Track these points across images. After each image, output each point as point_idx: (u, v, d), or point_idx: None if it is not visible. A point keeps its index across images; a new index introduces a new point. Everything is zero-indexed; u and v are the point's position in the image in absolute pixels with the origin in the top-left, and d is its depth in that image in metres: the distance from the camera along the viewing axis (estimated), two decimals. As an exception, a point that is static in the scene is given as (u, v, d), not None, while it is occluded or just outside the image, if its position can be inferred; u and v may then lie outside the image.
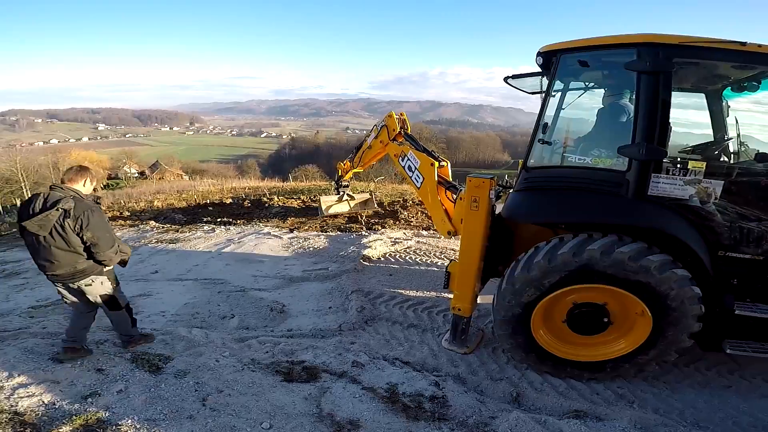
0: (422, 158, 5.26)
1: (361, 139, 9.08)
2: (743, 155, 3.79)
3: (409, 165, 5.50)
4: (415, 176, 5.35)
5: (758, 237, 3.23)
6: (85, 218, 3.12)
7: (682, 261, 3.15)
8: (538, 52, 3.67)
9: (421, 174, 5.21)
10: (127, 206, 14.10)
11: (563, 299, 3.42)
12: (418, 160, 5.31)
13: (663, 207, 3.20)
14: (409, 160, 5.53)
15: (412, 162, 5.43)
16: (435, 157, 5.22)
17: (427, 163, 5.11)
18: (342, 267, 6.63)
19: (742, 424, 3.09)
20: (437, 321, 4.79)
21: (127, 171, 55.64)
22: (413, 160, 5.42)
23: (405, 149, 5.74)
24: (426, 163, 5.14)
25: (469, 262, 3.84)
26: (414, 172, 5.36)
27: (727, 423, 3.09)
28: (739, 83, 3.69)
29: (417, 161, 5.33)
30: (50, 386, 2.76)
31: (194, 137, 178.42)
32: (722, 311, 3.23)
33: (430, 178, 5.04)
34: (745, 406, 3.26)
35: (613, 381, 3.51)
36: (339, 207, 10.14)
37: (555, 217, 3.60)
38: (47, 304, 5.48)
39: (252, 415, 2.76)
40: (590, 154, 3.65)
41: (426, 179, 5.12)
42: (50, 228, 3.06)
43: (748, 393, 3.41)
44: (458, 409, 3.02)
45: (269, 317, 5.09)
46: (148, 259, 7.55)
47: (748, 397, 3.35)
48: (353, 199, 10.29)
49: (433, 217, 5.14)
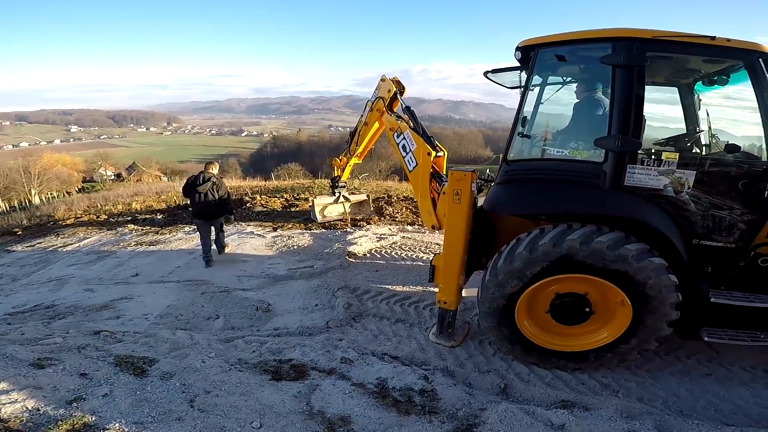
0: (419, 143, 4.89)
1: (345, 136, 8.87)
2: (714, 147, 3.92)
3: (404, 145, 5.17)
4: (408, 158, 5.05)
5: (730, 225, 3.36)
6: (220, 185, 6.86)
7: (658, 250, 3.25)
8: (517, 46, 3.74)
9: (415, 158, 4.92)
10: (104, 209, 13.79)
11: (546, 290, 3.50)
12: (415, 143, 4.95)
13: (639, 197, 3.30)
14: (404, 140, 5.18)
15: (408, 143, 5.09)
16: (433, 144, 4.83)
17: (424, 151, 4.78)
18: (327, 264, 6.62)
19: (723, 411, 3.17)
20: (424, 315, 4.84)
21: (103, 173, 54.19)
22: (409, 141, 5.07)
23: (402, 127, 5.28)
24: (422, 150, 4.80)
25: (453, 255, 3.88)
26: (408, 154, 5.06)
27: (709, 411, 3.17)
28: (710, 77, 3.81)
29: (413, 144, 4.98)
30: (33, 392, 2.70)
31: (172, 137, 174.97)
32: (698, 299, 3.34)
33: (425, 167, 4.78)
34: (726, 393, 3.35)
35: (597, 371, 3.59)
36: (334, 209, 9.29)
37: (535, 209, 3.67)
38: (24, 310, 5.35)
39: (241, 414, 2.74)
40: (568, 146, 3.72)
41: (420, 166, 4.85)
42: (207, 190, 6.70)
43: (727, 381, 3.51)
44: (448, 402, 3.05)
45: (255, 317, 5.06)
46: (127, 261, 7.42)
47: (727, 385, 3.46)
48: (348, 201, 9.37)
49: (421, 207, 4.98)
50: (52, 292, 6.16)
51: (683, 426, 2.78)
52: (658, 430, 2.70)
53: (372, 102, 6.66)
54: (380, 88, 6.47)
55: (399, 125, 5.37)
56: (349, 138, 7.95)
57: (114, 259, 7.61)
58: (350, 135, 7.94)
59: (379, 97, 6.37)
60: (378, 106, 6.36)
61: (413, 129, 5.10)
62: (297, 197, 12.59)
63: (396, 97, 6.08)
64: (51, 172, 40.35)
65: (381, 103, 6.24)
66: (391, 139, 5.56)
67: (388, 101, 6.15)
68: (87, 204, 16.47)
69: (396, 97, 6.08)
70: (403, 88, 6.20)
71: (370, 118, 6.87)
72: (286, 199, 12.39)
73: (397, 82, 6.20)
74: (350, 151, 7.93)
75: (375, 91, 6.66)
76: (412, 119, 5.29)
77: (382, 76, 6.51)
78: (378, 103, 6.35)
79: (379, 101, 6.33)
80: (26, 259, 8.25)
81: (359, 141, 7.51)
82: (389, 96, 6.14)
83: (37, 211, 16.54)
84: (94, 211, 13.67)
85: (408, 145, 5.08)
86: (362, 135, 7.33)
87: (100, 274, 6.87)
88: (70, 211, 14.23)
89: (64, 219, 12.37)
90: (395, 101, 6.12)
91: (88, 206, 15.53)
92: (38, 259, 8.10)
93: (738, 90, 3.50)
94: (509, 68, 4.31)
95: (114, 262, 7.47)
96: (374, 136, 7.39)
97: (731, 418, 3.09)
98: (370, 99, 6.78)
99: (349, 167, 8.42)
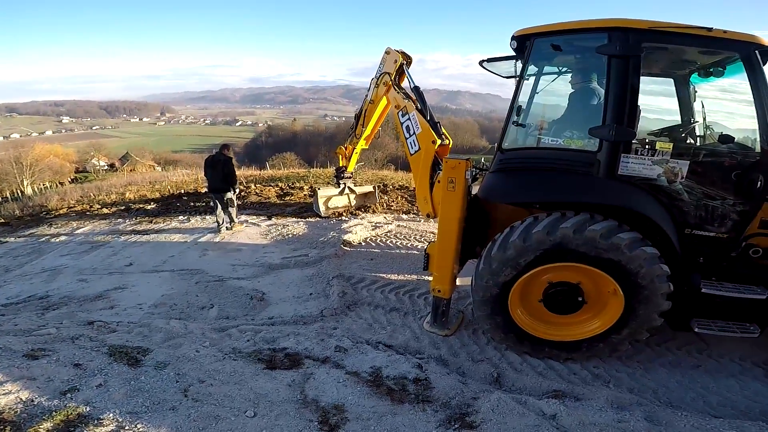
0: (424, 128, 4.62)
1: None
2: (709, 138, 3.93)
3: (408, 126, 4.88)
4: (411, 141, 4.80)
5: (722, 215, 3.38)
6: (229, 165, 7.81)
7: (651, 239, 3.26)
8: (513, 36, 3.71)
9: (418, 142, 4.68)
10: (97, 199, 13.68)
11: (539, 279, 3.52)
12: (420, 127, 4.67)
13: (633, 186, 3.30)
14: (409, 120, 4.87)
15: (412, 124, 4.80)
16: (438, 131, 4.56)
17: (428, 138, 4.54)
18: (322, 253, 6.63)
19: (712, 403, 3.20)
20: (419, 304, 4.86)
21: (96, 164, 53.67)
22: (414, 123, 4.78)
23: (409, 107, 4.90)
24: (427, 137, 4.56)
25: (447, 243, 3.89)
26: (411, 137, 4.80)
27: (698, 402, 3.21)
28: (706, 68, 3.80)
29: (418, 127, 4.70)
30: (27, 383, 2.69)
31: (166, 127, 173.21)
32: (690, 290, 3.36)
33: (427, 154, 4.57)
34: (714, 385, 3.39)
35: (589, 361, 3.62)
36: (338, 201, 8.85)
37: (529, 197, 3.66)
38: (18, 301, 5.32)
39: (235, 403, 2.75)
40: (562, 135, 3.72)
41: (422, 151, 4.63)
42: (218, 168, 7.74)
43: (716, 372, 3.55)
44: (441, 391, 3.07)
45: (249, 306, 5.06)
46: (121, 251, 7.39)
47: (716, 377, 3.49)
48: (353, 192, 8.94)
49: (418, 194, 4.83)
50: (46, 283, 6.13)
51: (672, 417, 2.81)
52: (647, 421, 2.73)
53: (377, 78, 6.23)
54: (385, 62, 6.07)
55: (405, 104, 5.00)
56: (354, 122, 7.46)
57: (107, 249, 7.58)
58: (355, 118, 7.44)
59: (384, 72, 5.95)
60: (384, 80, 5.91)
61: (420, 111, 4.78)
62: (292, 186, 12.56)
63: (403, 70, 5.68)
64: (43, 163, 39.91)
65: (387, 77, 5.79)
66: (396, 119, 5.22)
67: (394, 74, 5.71)
68: (80, 194, 16.31)
69: (403, 70, 5.68)
70: (409, 58, 5.78)
71: (376, 96, 6.40)
72: (281, 188, 12.36)
73: (403, 53, 5.76)
74: (356, 135, 7.44)
75: (380, 65, 6.23)
76: (420, 101, 4.90)
77: (387, 48, 6.09)
78: (384, 77, 5.91)
79: (384, 76, 5.90)
80: (19, 249, 8.19)
81: (365, 122, 7.04)
82: (395, 68, 5.73)
83: (30, 202, 16.38)
84: (87, 201, 13.57)
85: (412, 127, 4.81)
86: (368, 115, 6.86)
87: (94, 264, 6.84)
88: (62, 202, 14.11)
89: (56, 209, 12.28)
90: (402, 75, 5.72)
91: (81, 196, 15.39)
92: (31, 250, 8.04)
93: (733, 82, 3.50)
94: (505, 57, 4.27)
95: (107, 251, 7.44)
96: (381, 116, 6.90)
97: (719, 410, 3.12)
98: (375, 75, 6.32)
99: (355, 154, 7.95)
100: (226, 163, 7.79)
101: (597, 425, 2.63)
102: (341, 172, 8.41)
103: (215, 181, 7.83)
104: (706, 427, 2.70)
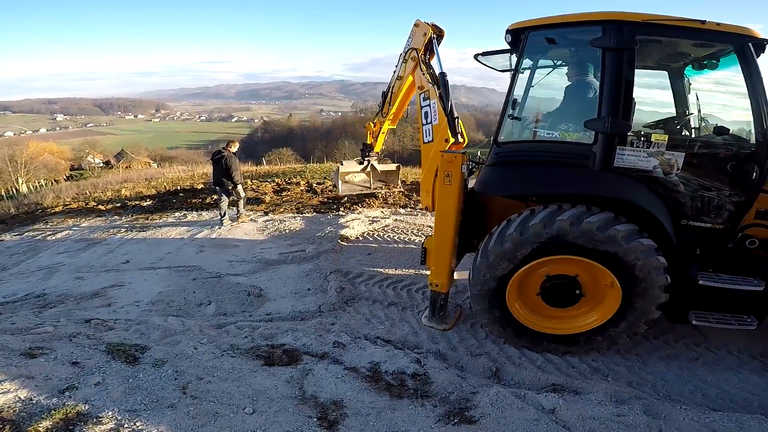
0: (442, 121, 4.41)
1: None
2: (704, 130, 3.93)
3: (426, 112, 4.70)
4: (426, 129, 4.66)
5: (718, 206, 3.39)
6: (230, 160, 8.12)
7: (648, 231, 3.27)
8: (507, 29, 3.70)
9: (433, 133, 4.56)
10: (92, 196, 13.61)
11: (536, 272, 3.53)
12: (438, 119, 4.49)
13: (628, 178, 3.31)
14: (429, 107, 4.68)
15: (431, 113, 4.62)
16: (455, 129, 4.33)
17: (443, 136, 4.37)
18: (320, 248, 6.62)
19: (710, 396, 3.22)
20: (417, 298, 4.87)
21: (91, 161, 53.43)
22: (433, 112, 4.60)
23: (432, 93, 4.63)
24: (442, 133, 4.39)
25: (445, 237, 3.89)
26: (428, 125, 4.64)
27: (696, 395, 3.22)
28: (700, 61, 3.81)
29: (436, 118, 4.52)
30: (25, 382, 2.68)
31: (161, 124, 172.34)
32: (687, 282, 3.37)
33: (439, 148, 4.34)
34: (713, 378, 3.40)
35: (587, 354, 3.64)
36: (357, 177, 8.49)
37: (526, 190, 3.67)
38: (15, 300, 5.30)
39: (234, 400, 2.76)
40: (558, 128, 3.72)
41: (435, 144, 4.48)
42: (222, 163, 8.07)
43: (714, 365, 3.56)
44: (440, 386, 3.07)
45: (247, 302, 5.06)
46: (118, 248, 7.36)
47: (714, 369, 3.50)
48: (375, 170, 8.45)
49: (422, 184, 4.74)
50: (42, 281, 6.10)
51: (671, 411, 2.82)
52: (646, 414, 2.74)
53: (404, 53, 5.86)
54: (414, 36, 5.66)
55: (429, 89, 4.70)
56: (382, 99, 7.01)
57: (104, 246, 7.55)
58: (382, 95, 6.98)
59: (411, 48, 5.58)
60: (411, 56, 5.55)
61: (441, 102, 4.44)
62: (288, 182, 12.52)
63: (432, 46, 5.27)
64: (38, 161, 39.71)
65: (414, 53, 5.44)
66: (417, 99, 4.95)
67: (422, 50, 5.34)
68: (75, 191, 16.21)
69: (432, 46, 5.27)
70: (441, 31, 5.38)
71: (404, 71, 5.99)
72: (277, 184, 12.32)
73: (434, 26, 5.34)
74: (383, 113, 7.01)
75: (408, 40, 5.81)
76: (444, 92, 4.41)
77: (416, 21, 5.64)
78: (411, 53, 5.56)
79: (412, 51, 5.54)
80: (15, 248, 8.15)
81: (392, 100, 6.61)
82: (424, 42, 5.32)
83: (25, 200, 16.27)
84: (83, 198, 13.48)
85: (431, 115, 4.62)
86: (395, 93, 6.47)
87: (90, 261, 6.81)
88: (58, 199, 14.02)
89: (52, 207, 12.21)
90: (431, 53, 5.33)
91: (77, 194, 15.30)
92: (27, 248, 8.00)
93: (727, 74, 3.50)
94: (499, 51, 4.26)
95: (104, 249, 7.41)
96: (408, 95, 6.44)
97: (717, 403, 3.13)
98: (403, 50, 5.93)
99: (382, 135, 7.56)
100: (228, 158, 8.24)
101: (596, 419, 2.65)
102: (368, 150, 8.00)
103: (218, 175, 8.36)
104: (705, 421, 2.71)
